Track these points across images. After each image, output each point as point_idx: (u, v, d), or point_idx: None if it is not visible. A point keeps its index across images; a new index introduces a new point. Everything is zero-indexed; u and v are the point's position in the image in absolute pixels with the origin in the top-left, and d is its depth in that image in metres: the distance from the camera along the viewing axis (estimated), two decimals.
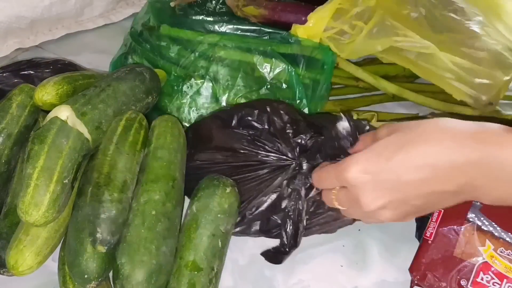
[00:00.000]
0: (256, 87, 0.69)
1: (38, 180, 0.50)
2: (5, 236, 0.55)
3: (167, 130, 0.62)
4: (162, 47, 0.73)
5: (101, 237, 0.50)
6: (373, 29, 0.65)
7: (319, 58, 0.70)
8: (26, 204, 0.49)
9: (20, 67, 0.75)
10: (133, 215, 0.54)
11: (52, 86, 0.60)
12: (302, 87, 0.68)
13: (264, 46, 0.69)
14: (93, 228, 0.51)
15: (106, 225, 0.51)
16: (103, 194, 0.53)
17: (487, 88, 0.65)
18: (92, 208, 0.52)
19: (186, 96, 0.71)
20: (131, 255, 0.51)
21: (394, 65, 0.72)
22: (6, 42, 0.87)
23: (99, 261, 0.51)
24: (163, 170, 0.58)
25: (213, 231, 0.55)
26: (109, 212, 0.52)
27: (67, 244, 0.53)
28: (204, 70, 0.70)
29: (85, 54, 0.90)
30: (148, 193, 0.55)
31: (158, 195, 0.55)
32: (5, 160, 0.59)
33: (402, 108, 0.79)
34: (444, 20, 0.66)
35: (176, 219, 0.56)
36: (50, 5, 0.88)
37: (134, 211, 0.54)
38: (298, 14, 0.73)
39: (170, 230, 0.54)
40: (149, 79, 0.66)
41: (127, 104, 0.62)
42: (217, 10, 0.83)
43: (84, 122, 0.56)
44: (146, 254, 0.51)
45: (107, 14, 0.97)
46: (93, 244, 0.51)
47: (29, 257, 0.52)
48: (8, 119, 0.60)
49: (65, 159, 0.52)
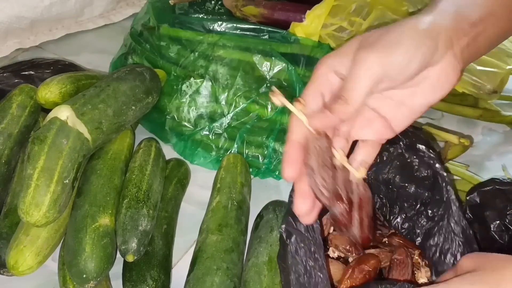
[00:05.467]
0: (256, 86, 0.69)
1: (39, 180, 0.50)
2: (5, 236, 0.55)
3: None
4: (162, 47, 0.73)
5: (135, 247, 0.53)
6: (373, 24, 0.66)
7: (319, 57, 0.70)
8: (27, 204, 0.49)
9: (21, 68, 0.76)
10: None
11: (56, 84, 0.60)
12: (302, 85, 0.68)
13: (264, 45, 0.69)
14: (130, 237, 0.53)
15: (141, 237, 0.54)
16: (142, 208, 0.56)
17: (491, 76, 0.65)
18: (131, 219, 0.54)
19: (186, 96, 0.71)
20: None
21: None
22: (6, 42, 0.87)
23: (98, 261, 0.51)
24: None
25: None
26: (146, 226, 0.54)
27: (66, 244, 0.54)
28: (203, 69, 0.70)
29: (85, 54, 0.90)
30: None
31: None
32: (5, 160, 0.59)
33: None
34: None
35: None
36: (50, 5, 0.88)
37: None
38: (297, 12, 0.73)
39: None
40: (149, 79, 0.66)
41: (127, 104, 0.62)
42: (216, 10, 0.83)
43: (84, 122, 0.56)
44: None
45: (107, 14, 0.97)
46: (124, 252, 0.53)
47: (29, 257, 0.52)
48: (8, 119, 0.60)
49: (65, 159, 0.52)
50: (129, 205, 0.56)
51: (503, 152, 0.74)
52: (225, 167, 0.65)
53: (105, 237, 0.52)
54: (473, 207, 0.55)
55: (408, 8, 0.68)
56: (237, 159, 0.66)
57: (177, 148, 0.72)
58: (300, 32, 0.70)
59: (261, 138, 0.69)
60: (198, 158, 0.71)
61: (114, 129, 0.61)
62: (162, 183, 0.62)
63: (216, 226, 0.57)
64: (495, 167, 0.70)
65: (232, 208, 0.60)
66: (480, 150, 0.74)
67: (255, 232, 0.59)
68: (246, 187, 0.64)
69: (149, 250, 0.56)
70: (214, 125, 0.70)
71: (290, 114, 0.42)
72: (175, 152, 0.72)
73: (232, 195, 0.61)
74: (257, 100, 0.69)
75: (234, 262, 0.54)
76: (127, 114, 0.62)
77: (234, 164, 0.66)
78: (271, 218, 0.59)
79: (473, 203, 0.55)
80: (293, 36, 0.70)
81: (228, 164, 0.66)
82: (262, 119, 0.69)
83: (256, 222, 0.61)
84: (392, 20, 0.65)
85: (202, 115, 0.70)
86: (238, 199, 0.61)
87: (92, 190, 0.56)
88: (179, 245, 0.61)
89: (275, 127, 0.69)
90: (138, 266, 0.54)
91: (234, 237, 0.57)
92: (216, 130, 0.70)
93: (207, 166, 0.71)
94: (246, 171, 0.66)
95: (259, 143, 0.69)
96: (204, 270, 0.53)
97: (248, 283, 0.53)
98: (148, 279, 0.54)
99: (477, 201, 0.55)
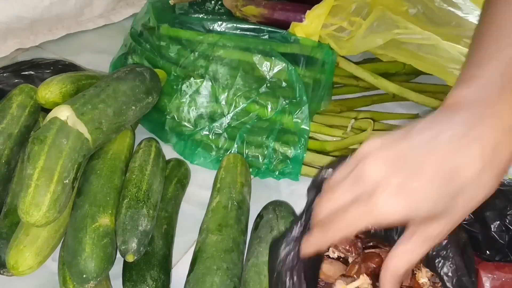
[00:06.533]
0: (256, 86, 0.69)
1: (39, 180, 0.50)
2: (5, 236, 0.55)
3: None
4: (162, 47, 0.73)
5: (135, 247, 0.53)
6: (373, 23, 0.66)
7: (319, 57, 0.70)
8: (27, 204, 0.49)
9: (21, 68, 0.75)
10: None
11: (56, 84, 0.60)
12: (302, 85, 0.68)
13: (264, 45, 0.69)
14: (129, 237, 0.53)
15: (141, 237, 0.53)
16: (142, 208, 0.55)
17: None
18: (131, 219, 0.54)
19: (186, 96, 0.71)
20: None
21: (394, 63, 0.72)
22: (6, 42, 0.87)
23: (98, 260, 0.51)
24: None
25: None
26: (145, 226, 0.54)
27: (66, 244, 0.54)
28: (203, 69, 0.70)
29: (85, 54, 0.90)
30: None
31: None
32: (5, 160, 0.59)
33: (402, 108, 0.79)
34: (443, 14, 0.66)
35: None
36: (50, 5, 0.88)
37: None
38: (297, 12, 0.73)
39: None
40: (149, 79, 0.66)
41: (127, 104, 0.62)
42: (216, 10, 0.83)
43: (84, 122, 0.56)
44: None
45: (107, 14, 0.97)
46: (124, 252, 0.53)
47: (29, 257, 0.52)
48: (8, 119, 0.60)
49: (65, 159, 0.52)
50: (129, 205, 0.56)
51: None
52: (225, 167, 0.65)
53: (105, 237, 0.52)
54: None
55: (408, 8, 0.68)
56: (237, 159, 0.66)
57: (177, 148, 0.72)
58: (300, 32, 0.70)
59: (261, 138, 0.69)
60: (198, 158, 0.71)
61: (114, 129, 0.61)
62: (162, 183, 0.62)
63: (216, 226, 0.57)
64: None
65: (232, 208, 0.60)
66: None
67: (255, 232, 0.59)
68: (246, 187, 0.64)
69: (149, 250, 0.56)
70: (214, 125, 0.70)
71: None
72: (175, 152, 0.72)
73: (232, 195, 0.61)
74: (257, 100, 0.69)
75: (234, 262, 0.54)
76: (127, 114, 0.62)
77: (234, 164, 0.66)
78: (271, 218, 0.59)
79: None
80: (293, 36, 0.70)
81: (228, 164, 0.66)
82: (262, 119, 0.69)
83: (256, 222, 0.61)
84: (392, 20, 0.65)
85: (202, 115, 0.70)
86: (238, 199, 0.61)
87: (92, 190, 0.56)
88: (179, 245, 0.61)
89: (275, 127, 0.69)
90: (138, 266, 0.54)
91: (234, 237, 0.57)
92: (216, 130, 0.70)
93: (207, 166, 0.71)
94: (246, 171, 0.66)
95: (259, 143, 0.69)
96: (204, 270, 0.53)
97: (248, 283, 0.53)
98: (148, 279, 0.54)
99: None
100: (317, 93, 0.71)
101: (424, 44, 0.65)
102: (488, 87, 0.37)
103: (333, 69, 0.72)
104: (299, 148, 0.68)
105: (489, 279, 0.50)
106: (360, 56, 0.81)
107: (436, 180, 0.35)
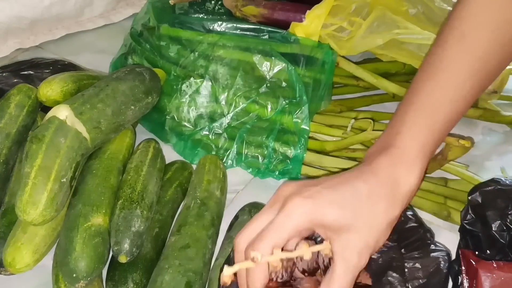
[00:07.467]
0: (256, 86, 0.69)
1: (36, 178, 0.50)
2: (3, 235, 0.54)
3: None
4: (162, 47, 0.73)
5: (127, 248, 0.52)
6: (373, 23, 0.66)
7: (319, 57, 0.70)
8: (24, 202, 0.49)
9: (20, 67, 0.75)
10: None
11: (58, 83, 0.60)
12: (302, 85, 0.68)
13: (264, 45, 0.69)
14: (122, 238, 0.53)
15: (134, 238, 0.53)
16: (136, 209, 0.55)
17: None
18: (124, 220, 0.54)
19: (185, 96, 0.70)
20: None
21: (394, 63, 0.71)
22: (6, 42, 0.87)
23: (88, 260, 0.50)
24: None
25: None
26: (139, 227, 0.54)
27: (58, 243, 0.53)
28: (203, 69, 0.70)
29: (85, 54, 0.90)
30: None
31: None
32: (4, 159, 0.59)
33: None
34: (443, 14, 0.66)
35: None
36: (50, 6, 0.88)
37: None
38: (297, 12, 0.73)
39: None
40: (149, 79, 0.66)
41: (126, 104, 0.62)
42: (216, 10, 0.83)
43: (83, 121, 0.56)
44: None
45: (107, 14, 0.97)
46: (117, 253, 0.52)
47: (26, 255, 0.51)
48: (6, 118, 0.60)
49: (63, 158, 0.52)
50: (122, 206, 0.55)
51: (503, 152, 0.74)
52: (195, 171, 0.66)
53: (96, 237, 0.52)
54: (475, 206, 0.55)
55: (408, 8, 0.68)
56: (206, 159, 0.66)
57: (177, 148, 0.72)
58: (300, 32, 0.70)
59: (261, 138, 0.69)
60: (198, 158, 0.70)
61: (113, 129, 0.61)
62: (159, 184, 0.62)
63: (177, 228, 0.57)
64: (495, 167, 0.70)
65: (194, 206, 0.59)
66: (480, 150, 0.73)
67: (228, 232, 0.60)
68: (215, 183, 0.63)
69: None
70: (214, 125, 0.70)
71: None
72: (175, 152, 0.72)
73: (196, 194, 0.61)
74: (257, 100, 0.69)
75: (189, 257, 0.53)
76: (126, 114, 0.62)
77: (202, 164, 0.66)
78: (245, 220, 0.59)
79: (475, 203, 0.55)
80: (293, 36, 0.70)
81: (198, 167, 0.66)
82: (262, 119, 0.69)
83: (231, 223, 0.61)
84: (392, 20, 0.65)
85: (202, 115, 0.70)
86: (202, 197, 0.60)
87: (86, 190, 0.55)
88: None
89: (275, 127, 0.69)
90: (122, 266, 0.54)
91: (192, 233, 0.56)
92: (216, 130, 0.70)
93: None
94: (216, 168, 0.65)
95: (259, 143, 0.69)
96: (157, 271, 0.53)
97: (212, 282, 0.53)
98: (130, 281, 0.53)
99: (479, 201, 0.55)
100: (317, 93, 0.71)
101: (424, 44, 0.65)
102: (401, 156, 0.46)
103: (333, 69, 0.72)
104: (299, 148, 0.68)
105: (488, 278, 0.50)
106: (360, 56, 0.80)
107: (342, 191, 0.42)
